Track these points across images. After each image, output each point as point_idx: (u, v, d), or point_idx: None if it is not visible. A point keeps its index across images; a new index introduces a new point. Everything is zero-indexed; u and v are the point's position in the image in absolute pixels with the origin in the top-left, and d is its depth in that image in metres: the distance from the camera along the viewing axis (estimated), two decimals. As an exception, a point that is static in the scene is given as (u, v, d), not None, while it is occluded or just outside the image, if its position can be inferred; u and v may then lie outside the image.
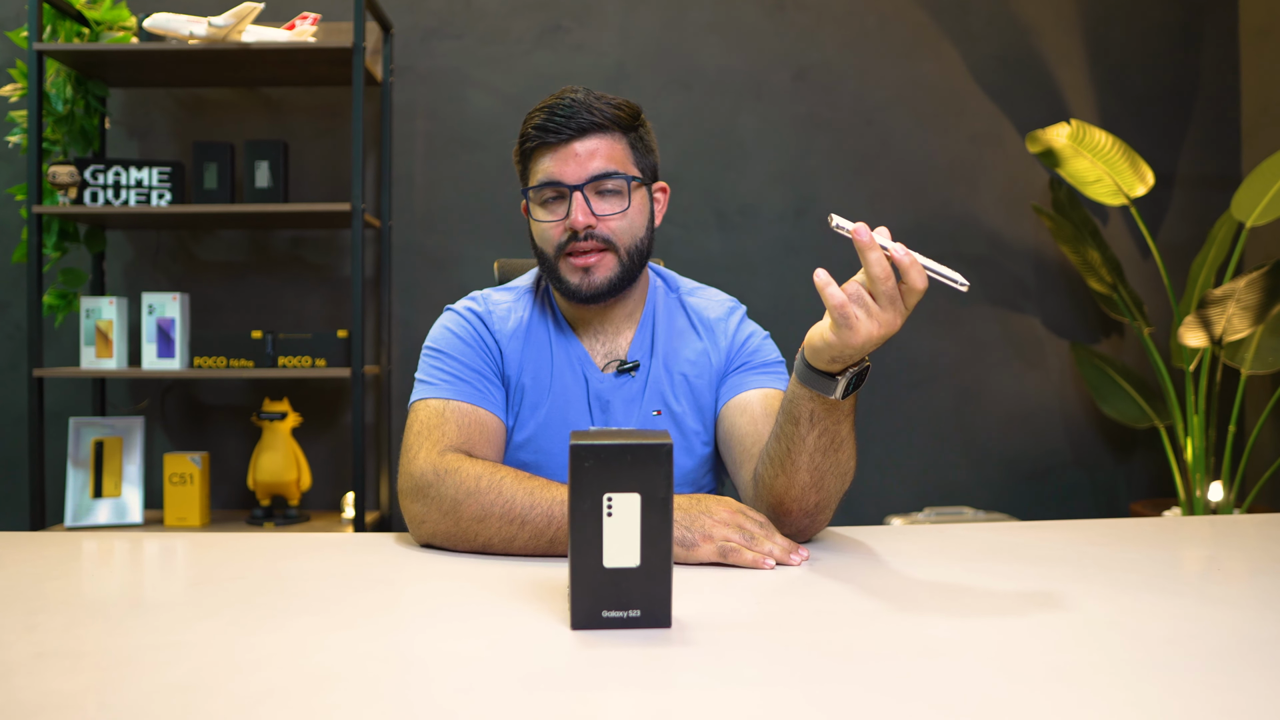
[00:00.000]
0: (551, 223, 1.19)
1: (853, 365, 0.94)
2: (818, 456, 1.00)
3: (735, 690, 0.64)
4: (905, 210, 2.80)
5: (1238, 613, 0.82)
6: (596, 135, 1.18)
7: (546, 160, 1.18)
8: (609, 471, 0.74)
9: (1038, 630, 0.78)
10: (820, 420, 0.98)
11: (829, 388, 0.95)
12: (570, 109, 1.17)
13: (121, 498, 2.53)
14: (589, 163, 1.17)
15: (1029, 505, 2.81)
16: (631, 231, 1.20)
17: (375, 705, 0.62)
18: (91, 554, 1.11)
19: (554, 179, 1.17)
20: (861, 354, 0.92)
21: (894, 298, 0.88)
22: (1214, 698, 0.63)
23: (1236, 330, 2.36)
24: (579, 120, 1.17)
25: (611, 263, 1.19)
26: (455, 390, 1.17)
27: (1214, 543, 1.21)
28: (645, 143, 1.23)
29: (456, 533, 1.04)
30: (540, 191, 1.19)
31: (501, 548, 1.03)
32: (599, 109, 1.18)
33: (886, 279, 0.88)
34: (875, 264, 0.87)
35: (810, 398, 0.97)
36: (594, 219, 1.17)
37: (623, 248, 1.19)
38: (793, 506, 1.04)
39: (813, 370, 0.95)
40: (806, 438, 0.99)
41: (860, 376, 0.95)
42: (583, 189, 1.17)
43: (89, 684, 0.65)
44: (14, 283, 2.67)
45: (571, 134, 1.17)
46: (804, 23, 2.81)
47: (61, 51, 2.38)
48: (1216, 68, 2.87)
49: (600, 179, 1.17)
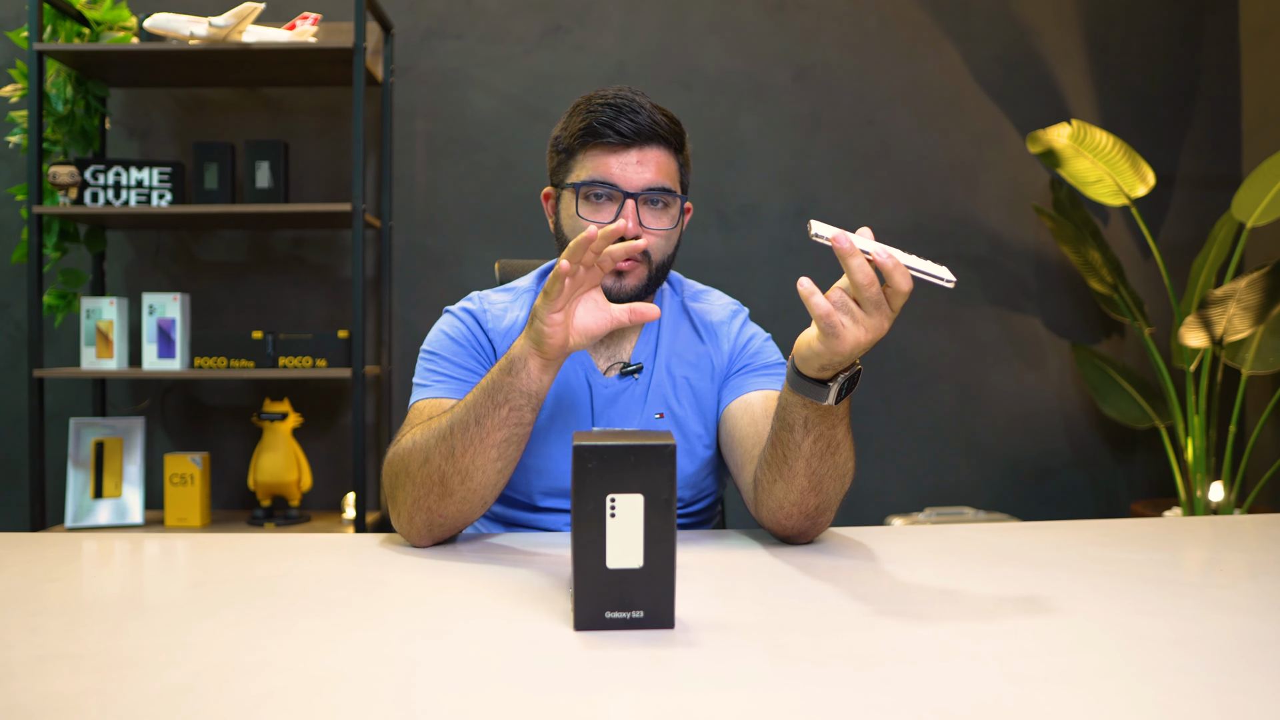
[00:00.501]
0: (597, 223, 1.17)
1: (843, 371, 0.93)
2: (814, 461, 0.99)
3: (738, 691, 0.64)
4: (906, 210, 2.81)
5: (1240, 614, 0.82)
6: (658, 147, 1.17)
7: (602, 158, 1.17)
8: (612, 472, 0.74)
9: (1039, 632, 0.77)
10: (814, 426, 0.97)
11: (821, 394, 0.94)
12: (635, 112, 1.16)
13: (122, 498, 2.53)
14: (645, 172, 1.16)
15: (1030, 505, 2.81)
16: (665, 250, 1.20)
17: (377, 706, 0.62)
18: (92, 555, 1.11)
19: (611, 180, 1.16)
20: (850, 360, 0.91)
21: (879, 303, 0.87)
22: (1217, 699, 0.63)
23: (1237, 330, 2.36)
24: (642, 126, 1.16)
25: (643, 275, 1.18)
26: (444, 389, 1.17)
27: (1215, 543, 1.21)
28: (689, 162, 1.24)
29: (427, 490, 1.03)
30: (589, 188, 1.17)
31: (465, 464, 1.01)
32: (662, 121, 1.17)
33: (870, 285, 0.85)
34: (858, 270, 0.85)
35: (803, 404, 0.96)
36: (642, 230, 1.17)
37: (655, 263, 1.19)
38: (792, 510, 1.04)
39: (803, 378, 0.95)
40: (802, 444, 0.99)
41: (852, 381, 0.95)
42: (637, 198, 1.16)
43: (91, 686, 0.65)
44: (14, 283, 2.67)
45: (632, 139, 1.16)
46: (804, 23, 2.81)
47: (62, 52, 2.38)
48: (1217, 68, 2.87)
49: (656, 191, 1.17)
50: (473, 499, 1.04)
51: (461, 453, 1.01)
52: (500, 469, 1.03)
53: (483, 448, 1.01)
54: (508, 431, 1.01)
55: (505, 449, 1.02)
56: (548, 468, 1.20)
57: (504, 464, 1.03)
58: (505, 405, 0.99)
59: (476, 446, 1.01)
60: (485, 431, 1.00)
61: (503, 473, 1.04)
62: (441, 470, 1.02)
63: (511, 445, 1.02)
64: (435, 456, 1.02)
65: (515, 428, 1.01)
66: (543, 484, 1.20)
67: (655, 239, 1.18)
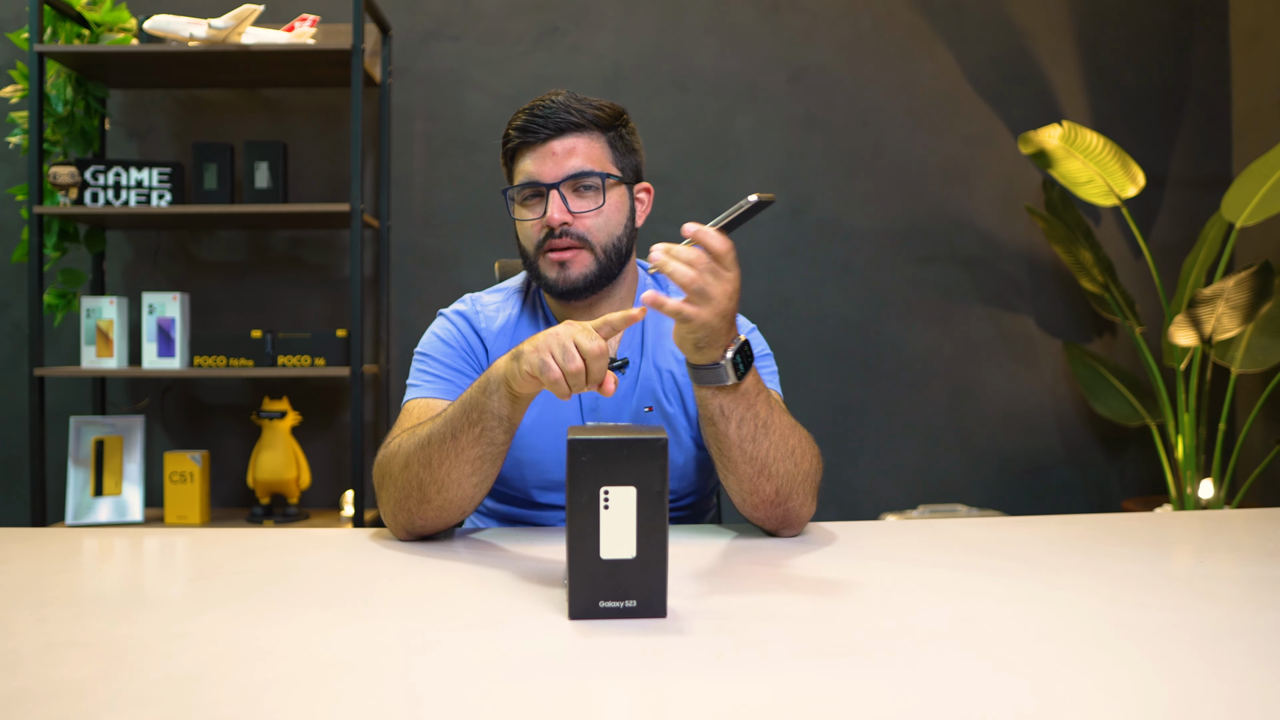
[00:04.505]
0: (531, 220, 1.21)
1: (729, 345, 0.97)
2: (748, 446, 1.02)
3: (729, 678, 0.66)
4: (899, 211, 2.83)
5: (1223, 604, 0.84)
6: (574, 135, 1.20)
7: (526, 160, 1.21)
8: (606, 466, 0.76)
9: (1028, 621, 0.79)
10: (732, 411, 1.01)
11: (719, 375, 0.98)
12: (549, 110, 1.19)
13: (122, 496, 2.55)
14: (565, 161, 1.19)
15: (1022, 503, 2.83)
16: (608, 229, 1.21)
17: (378, 692, 0.63)
18: (94, 550, 1.12)
19: (532, 178, 1.20)
20: (719, 330, 0.95)
21: (714, 269, 0.93)
22: (1199, 685, 0.65)
23: (1226, 329, 2.38)
24: (557, 120, 1.19)
25: (587, 260, 1.20)
26: (434, 389, 1.20)
27: (1203, 537, 1.23)
28: (626, 143, 1.25)
29: (407, 494, 1.05)
30: (521, 191, 1.21)
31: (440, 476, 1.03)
32: (577, 109, 1.20)
33: (697, 260, 0.92)
34: (682, 254, 0.92)
35: (713, 394, 1.00)
36: (569, 216, 1.19)
37: (599, 245, 1.21)
38: (754, 499, 1.07)
39: (696, 367, 0.99)
40: (728, 432, 1.02)
41: (743, 354, 0.99)
42: (559, 187, 1.19)
43: (99, 673, 0.67)
44: (14, 282, 2.68)
45: (549, 134, 1.19)
46: (799, 25, 2.83)
47: (62, 53, 2.39)
48: (1207, 69, 2.89)
49: (577, 177, 1.19)
50: (449, 508, 1.06)
51: (438, 464, 1.03)
52: (476, 483, 1.05)
53: (457, 462, 1.03)
54: (480, 450, 1.02)
55: (479, 465, 1.03)
56: (541, 461, 1.22)
57: (479, 479, 1.05)
58: (479, 424, 1.01)
59: (451, 460, 1.03)
60: (460, 447, 1.02)
61: (478, 486, 1.05)
62: (420, 478, 1.04)
63: (485, 462, 1.04)
64: (414, 464, 1.05)
65: (488, 446, 1.02)
66: (537, 478, 1.22)
67: (590, 220, 1.20)
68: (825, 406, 2.80)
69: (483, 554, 1.04)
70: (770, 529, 1.11)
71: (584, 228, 1.20)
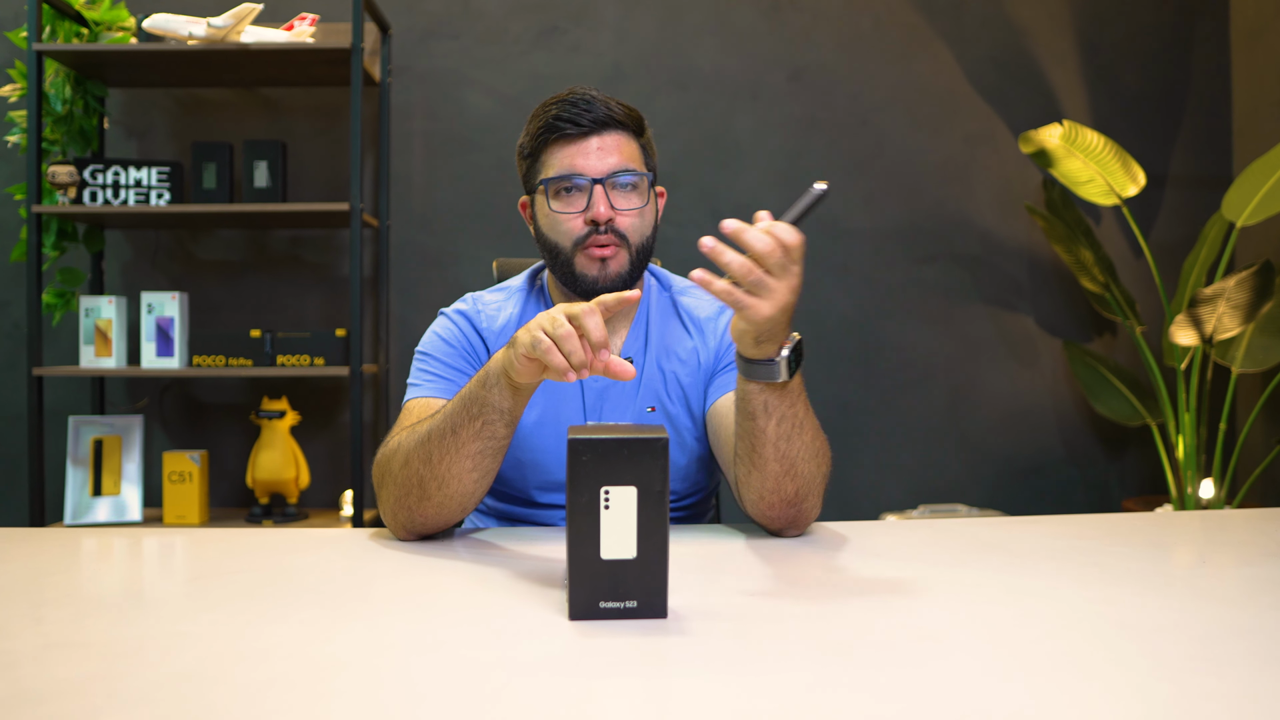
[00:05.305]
0: (569, 215, 1.19)
1: (785, 342, 0.96)
2: (782, 444, 1.01)
3: (730, 678, 0.66)
4: (900, 210, 2.82)
5: (1223, 604, 0.84)
6: (614, 132, 1.20)
7: (564, 153, 1.19)
8: (606, 465, 0.76)
9: (1027, 621, 0.79)
10: (775, 408, 0.99)
11: (773, 372, 0.97)
12: (589, 104, 1.18)
13: (121, 496, 2.55)
14: (608, 157, 1.18)
15: (1022, 502, 2.83)
16: (643, 230, 1.22)
17: (378, 693, 0.63)
18: (93, 550, 1.12)
19: (575, 171, 1.18)
20: (781, 325, 0.94)
21: (784, 264, 0.91)
22: (1200, 684, 0.64)
23: (1227, 329, 2.38)
24: (598, 115, 1.18)
25: (625, 259, 1.20)
26: (434, 388, 1.20)
27: (1204, 537, 1.22)
28: (651, 146, 1.26)
29: (407, 491, 1.05)
30: (556, 183, 1.19)
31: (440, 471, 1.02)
32: (617, 108, 1.20)
33: (771, 251, 0.90)
34: (755, 242, 0.90)
35: (759, 389, 0.99)
36: (614, 213, 1.18)
37: (634, 245, 1.21)
38: (773, 498, 1.05)
39: (750, 361, 0.97)
40: (766, 429, 1.00)
41: (797, 352, 0.97)
42: (604, 183, 1.18)
43: (97, 673, 0.67)
44: (13, 282, 2.68)
45: (590, 128, 1.18)
46: (799, 24, 2.82)
47: (61, 52, 2.39)
48: (1208, 69, 2.89)
49: (620, 174, 1.19)
50: (450, 504, 1.05)
51: (438, 460, 1.02)
52: (476, 479, 1.04)
53: (458, 457, 1.02)
54: (481, 444, 1.01)
55: (480, 460, 1.02)
56: (542, 461, 1.21)
57: (480, 474, 1.04)
58: (479, 418, 1.00)
59: (452, 455, 1.02)
60: (460, 442, 1.01)
61: (479, 482, 1.05)
62: (420, 475, 1.04)
63: (486, 457, 1.03)
64: (414, 460, 1.04)
65: (489, 440, 1.01)
66: (537, 478, 1.22)
67: (630, 219, 1.20)
68: (825, 406, 2.79)
69: (483, 554, 1.04)
70: (776, 529, 1.10)
71: (624, 226, 1.19)
